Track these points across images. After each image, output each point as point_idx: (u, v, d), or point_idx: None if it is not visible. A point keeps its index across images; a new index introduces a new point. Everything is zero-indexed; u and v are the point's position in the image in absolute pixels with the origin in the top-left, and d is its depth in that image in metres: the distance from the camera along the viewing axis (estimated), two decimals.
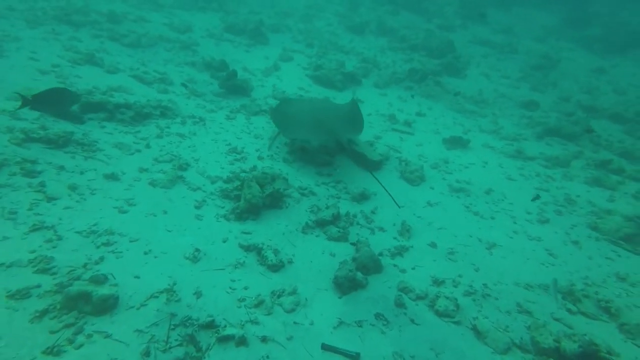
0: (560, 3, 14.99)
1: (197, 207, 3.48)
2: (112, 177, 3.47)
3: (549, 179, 5.34)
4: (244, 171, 4.13)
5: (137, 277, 2.65)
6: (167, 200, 3.45)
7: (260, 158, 4.56)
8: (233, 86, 5.70)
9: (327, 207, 4.04)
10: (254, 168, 4.25)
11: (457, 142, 6.02)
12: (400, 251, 3.63)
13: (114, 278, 2.56)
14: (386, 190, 3.92)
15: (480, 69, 9.71)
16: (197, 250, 2.97)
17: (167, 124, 4.47)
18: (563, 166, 5.69)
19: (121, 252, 2.80)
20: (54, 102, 3.79)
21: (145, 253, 2.87)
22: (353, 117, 4.98)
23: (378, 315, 2.86)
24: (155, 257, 2.85)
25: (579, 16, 13.64)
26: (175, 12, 8.56)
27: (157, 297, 2.52)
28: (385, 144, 5.79)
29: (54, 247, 2.64)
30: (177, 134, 4.41)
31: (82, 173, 3.43)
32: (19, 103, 3.61)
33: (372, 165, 5.15)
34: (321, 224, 3.79)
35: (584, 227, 4.38)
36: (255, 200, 3.57)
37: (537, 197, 4.16)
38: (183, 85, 5.15)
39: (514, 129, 6.95)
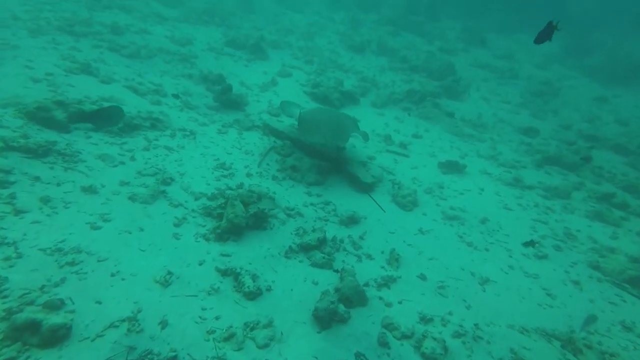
0: (563, 31, 15.20)
1: (176, 225, 3.33)
2: (89, 190, 3.33)
3: (548, 210, 5.20)
4: (230, 188, 3.99)
5: (98, 302, 2.47)
6: (145, 216, 3.30)
7: (248, 175, 4.43)
8: (227, 100, 5.62)
9: (314, 231, 3.88)
10: (241, 185, 4.11)
11: (453, 167, 5.91)
12: (387, 282, 3.45)
13: (72, 303, 2.38)
14: (371, 197, 3.79)
15: (480, 93, 9.71)
16: (170, 273, 2.80)
17: (156, 136, 4.36)
18: (563, 197, 5.55)
19: (86, 273, 2.63)
20: (106, 117, 4.14)
21: (113, 275, 2.69)
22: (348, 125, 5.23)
23: (359, 355, 2.65)
24: (123, 279, 2.68)
25: (580, 44, 13.79)
26: (179, 25, 8.63)
27: (117, 326, 2.33)
28: (379, 165, 5.68)
29: (10, 267, 2.47)
30: (165, 146, 4.30)
31: (58, 185, 3.29)
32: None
33: (363, 188, 5.03)
34: (306, 248, 3.62)
35: (585, 265, 4.20)
36: (237, 220, 3.41)
37: (532, 243, 3.95)
38: (174, 96, 5.07)
39: (513, 155, 6.85)
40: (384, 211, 4.31)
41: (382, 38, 11.95)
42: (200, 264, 3.02)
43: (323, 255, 3.58)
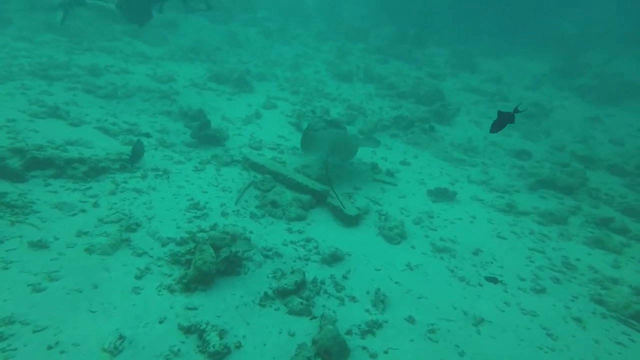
0: (551, 52, 15.62)
1: (137, 277, 3.11)
2: (39, 244, 3.13)
3: (544, 237, 5.00)
4: (202, 230, 3.82)
5: None
6: (102, 270, 3.09)
7: (224, 214, 4.27)
8: (206, 136, 5.57)
9: (292, 272, 3.68)
10: (214, 226, 3.94)
11: (443, 194, 5.77)
12: (372, 328, 3.21)
13: None
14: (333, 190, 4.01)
15: (470, 116, 9.76)
16: (122, 337, 2.55)
17: (125, 179, 4.24)
18: (559, 223, 5.37)
19: (15, 349, 2.34)
20: (140, 153, 4.50)
21: (50, 347, 2.40)
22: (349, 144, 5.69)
23: None
24: (62, 352, 2.39)
25: (570, 65, 14.09)
26: (162, 63, 8.76)
27: None
28: (366, 195, 5.54)
29: None
30: (134, 189, 4.16)
31: (1, 242, 3.10)
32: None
33: (348, 221, 4.87)
34: (282, 293, 3.40)
35: (587, 299, 3.95)
36: (206, 267, 3.22)
37: (494, 279, 3.76)
38: (145, 135, 5.01)
39: (505, 179, 6.73)
40: (343, 207, 4.55)
41: (369, 66, 12.21)
42: (161, 322, 2.78)
43: (301, 300, 3.35)
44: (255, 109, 7.60)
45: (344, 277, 3.81)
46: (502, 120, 2.88)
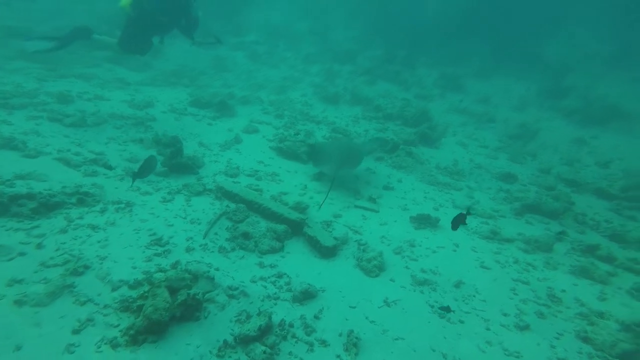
0: (537, 74, 15.89)
1: (75, 332, 2.79)
2: None
3: (529, 267, 4.82)
4: (161, 270, 3.59)
5: None
6: (32, 325, 2.76)
7: (189, 250, 4.06)
8: (177, 164, 5.41)
9: (259, 314, 3.44)
10: (176, 264, 3.72)
11: (425, 221, 5.61)
12: None
13: None
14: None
15: (457, 138, 9.74)
16: None
17: (81, 214, 4.01)
18: (545, 251, 5.19)
19: None
20: (151, 168, 4.49)
21: None
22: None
23: None
24: None
25: (555, 87, 14.30)
26: (142, 88, 8.69)
27: None
28: (345, 223, 5.37)
29: None
30: (90, 225, 3.92)
31: None
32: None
33: (324, 252, 4.67)
34: (244, 341, 3.15)
35: (572, 336, 3.73)
36: (157, 315, 2.97)
37: (447, 309, 3.63)
38: (106, 167, 4.82)
39: (491, 204, 6.60)
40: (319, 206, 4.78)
41: (357, 88, 12.28)
42: None
43: (265, 349, 3.11)
44: (236, 134, 7.50)
45: (316, 317, 3.58)
46: (457, 220, 3.50)
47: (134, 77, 9.15)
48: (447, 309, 3.64)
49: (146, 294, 3.15)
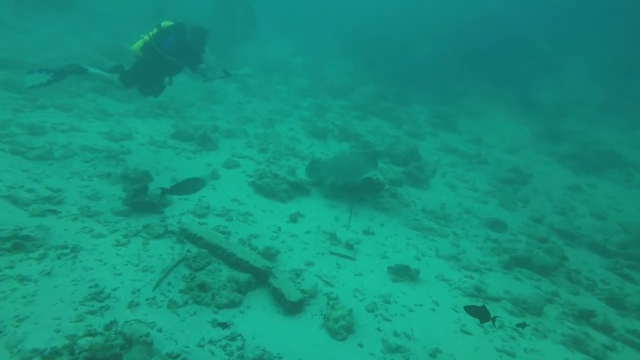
0: (531, 116, 16.03)
1: None
2: None
3: (515, 333, 4.39)
4: (91, 333, 3.17)
5: None
6: None
7: (132, 305, 3.65)
8: (140, 203, 5.11)
9: None
10: (110, 325, 3.30)
11: (405, 273, 5.23)
12: None
13: None
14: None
15: (446, 179, 9.52)
16: None
17: (12, 262, 3.60)
18: (534, 314, 4.78)
19: None
20: (189, 189, 4.58)
21: None
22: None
23: None
24: None
25: (550, 131, 14.34)
26: (124, 120, 8.54)
27: None
28: (317, 272, 4.99)
29: None
30: (18, 276, 3.49)
31: None
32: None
33: (289, 308, 4.26)
34: None
35: None
36: None
37: (224, 324, 3.37)
38: (50, 211, 4.47)
39: (477, 254, 6.24)
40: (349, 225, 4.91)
41: (347, 123, 12.23)
42: None
43: None
44: (214, 169, 7.26)
45: None
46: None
47: (117, 107, 9.03)
48: (224, 325, 3.31)
49: None
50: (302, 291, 4.52)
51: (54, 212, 4.41)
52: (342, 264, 5.33)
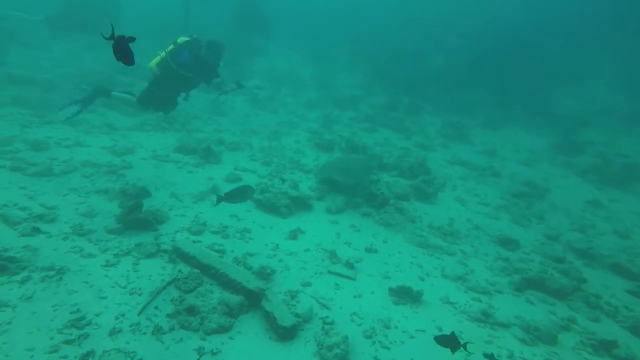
0: (548, 127, 15.44)
1: None
2: None
3: None
4: None
5: None
6: None
7: (114, 332, 3.51)
8: (134, 220, 5.04)
9: None
10: (87, 356, 3.15)
11: (407, 295, 4.96)
12: None
13: None
14: None
15: (456, 193, 9.17)
16: None
17: None
18: (547, 343, 4.41)
19: None
20: (241, 196, 4.74)
21: None
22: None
23: None
24: None
25: (569, 142, 13.73)
26: (129, 134, 8.62)
27: None
28: (314, 294, 4.78)
29: None
30: None
31: None
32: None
33: (281, 334, 4.05)
34: None
35: None
36: None
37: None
38: (34, 229, 4.41)
39: (486, 274, 5.88)
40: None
41: (355, 135, 12.04)
42: None
43: None
44: (214, 183, 7.18)
45: None
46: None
47: (124, 122, 9.14)
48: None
49: None
50: (296, 315, 4.31)
51: (38, 230, 4.36)
52: (341, 285, 5.10)
